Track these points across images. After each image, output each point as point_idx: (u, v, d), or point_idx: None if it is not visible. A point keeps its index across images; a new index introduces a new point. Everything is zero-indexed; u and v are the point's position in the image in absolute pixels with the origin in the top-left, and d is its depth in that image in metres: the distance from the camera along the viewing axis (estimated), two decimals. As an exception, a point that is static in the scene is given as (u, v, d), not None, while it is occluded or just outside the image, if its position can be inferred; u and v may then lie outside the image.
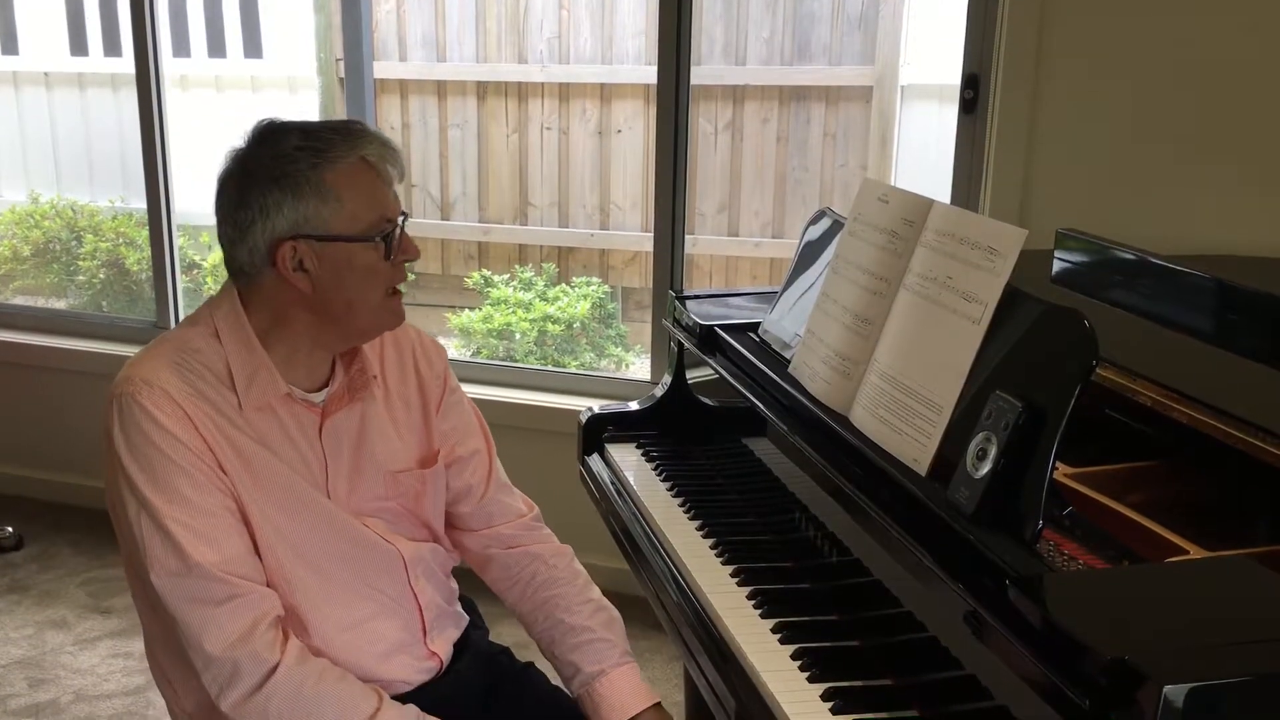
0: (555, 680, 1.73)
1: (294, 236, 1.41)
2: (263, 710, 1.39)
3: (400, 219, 1.47)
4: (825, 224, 1.87)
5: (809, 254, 1.88)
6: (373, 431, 1.57)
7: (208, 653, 1.38)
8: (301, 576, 1.48)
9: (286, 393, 1.49)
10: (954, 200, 2.73)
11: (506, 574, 1.73)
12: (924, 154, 4.45)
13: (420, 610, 1.60)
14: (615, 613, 1.71)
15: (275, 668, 1.39)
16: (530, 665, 1.74)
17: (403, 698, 1.52)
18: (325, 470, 1.52)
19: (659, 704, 1.63)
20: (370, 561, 1.55)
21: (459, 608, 1.72)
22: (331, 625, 1.50)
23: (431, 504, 1.64)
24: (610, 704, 1.61)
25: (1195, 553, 1.28)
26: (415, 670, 1.58)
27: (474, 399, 3.36)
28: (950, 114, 2.74)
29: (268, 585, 1.45)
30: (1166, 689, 0.91)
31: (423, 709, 1.49)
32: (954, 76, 2.71)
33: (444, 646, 1.63)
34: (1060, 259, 2.01)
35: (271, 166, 1.40)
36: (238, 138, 1.47)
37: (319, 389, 1.54)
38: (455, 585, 1.73)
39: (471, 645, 1.69)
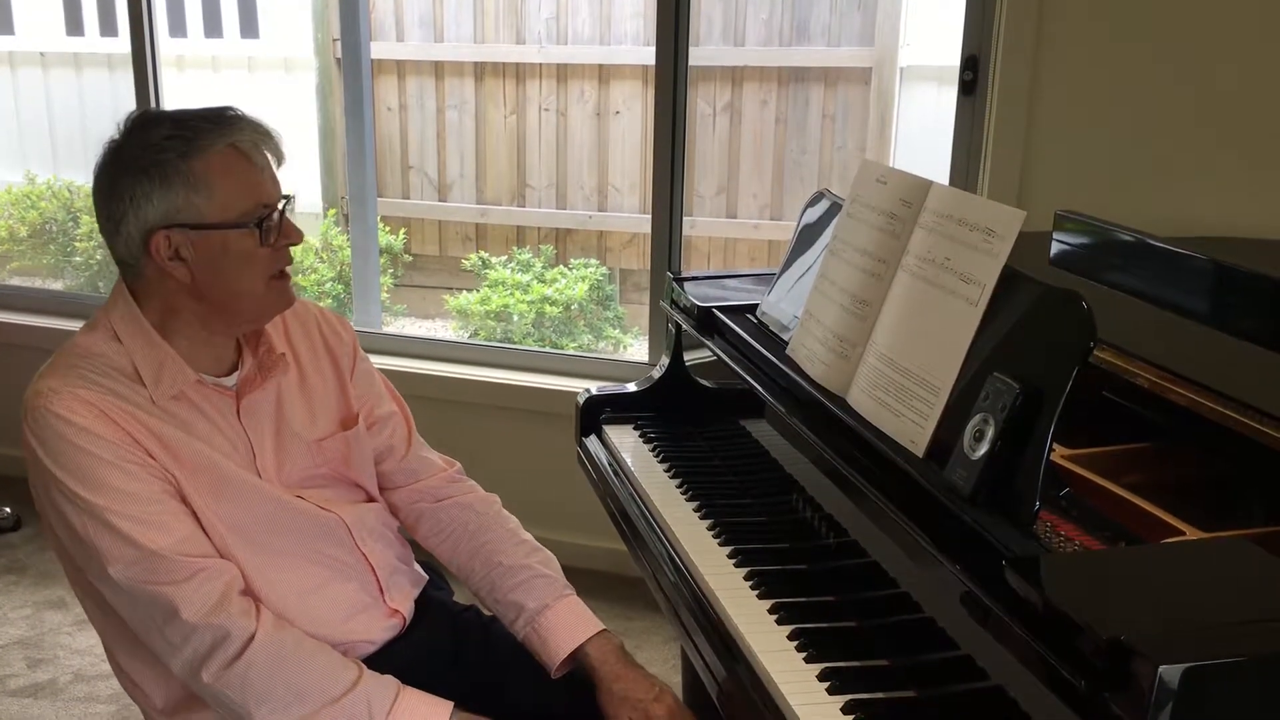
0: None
1: (166, 226, 1.41)
2: (243, 678, 1.40)
3: (281, 203, 1.46)
4: (823, 206, 1.87)
5: (807, 236, 1.88)
6: (289, 407, 1.59)
7: (185, 621, 1.38)
8: (246, 556, 1.49)
9: (197, 379, 1.50)
10: (953, 182, 2.73)
11: (438, 527, 1.75)
12: (923, 136, 4.44)
13: (374, 570, 1.62)
14: (550, 554, 1.74)
15: (253, 635, 1.40)
16: (494, 620, 1.75)
17: (371, 658, 1.54)
18: (251, 450, 1.54)
19: (606, 630, 1.64)
20: (313, 532, 1.57)
21: (416, 567, 1.74)
22: (286, 595, 1.51)
23: (359, 464, 1.67)
24: (558, 635, 1.62)
25: (1191, 534, 1.28)
26: (379, 629, 1.60)
27: (471, 380, 3.37)
28: (950, 96, 2.73)
29: None
30: (1162, 669, 0.92)
31: (393, 671, 1.49)
32: (954, 58, 2.70)
33: (404, 603, 1.65)
34: (1059, 240, 2.01)
35: (140, 157, 1.41)
36: (112, 129, 1.48)
37: (228, 373, 1.55)
38: (407, 546, 1.75)
39: (435, 605, 1.71)
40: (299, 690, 1.41)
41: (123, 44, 3.59)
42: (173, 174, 1.40)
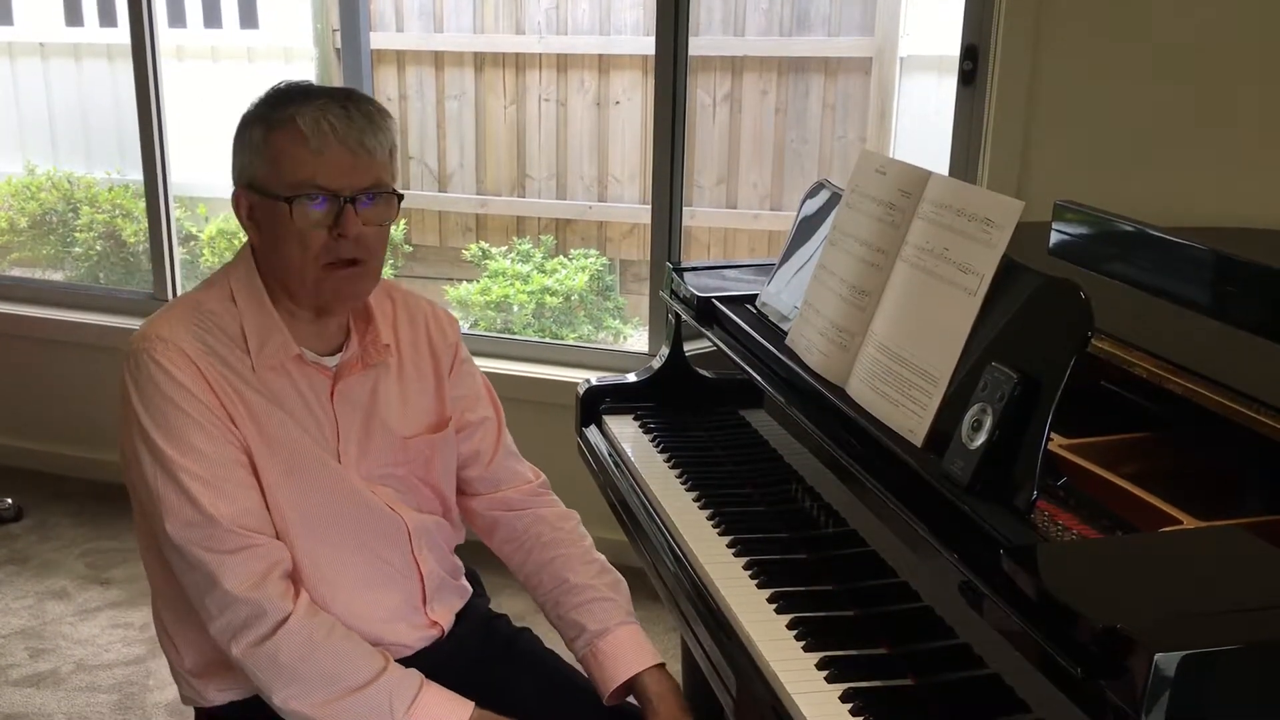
0: (549, 645, 1.75)
1: (243, 185, 1.50)
2: (272, 657, 1.41)
3: (350, 194, 1.44)
4: (823, 196, 1.87)
5: (807, 226, 1.88)
6: (384, 399, 1.60)
7: (227, 590, 1.41)
8: (304, 538, 1.50)
9: (298, 354, 1.52)
10: (953, 172, 2.73)
11: (512, 536, 1.75)
12: (923, 126, 4.43)
13: (422, 580, 1.61)
14: (619, 576, 1.73)
15: (288, 617, 1.42)
16: (526, 629, 1.76)
17: (402, 662, 1.54)
18: (336, 433, 1.55)
19: (663, 665, 1.64)
20: (374, 529, 1.57)
21: (464, 581, 1.74)
22: (332, 587, 1.52)
23: (442, 469, 1.67)
24: (615, 661, 1.61)
25: (1188, 523, 1.29)
26: (416, 637, 1.60)
27: (471, 371, 3.35)
28: (950, 85, 2.73)
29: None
30: (1158, 657, 0.92)
31: (422, 672, 1.50)
32: (954, 48, 2.70)
33: (445, 615, 1.65)
34: (1058, 231, 2.01)
35: (243, 119, 1.50)
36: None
37: (332, 353, 1.57)
38: (459, 562, 1.74)
39: (470, 612, 1.72)
40: (324, 675, 1.43)
41: (122, 35, 3.58)
42: (248, 136, 1.48)
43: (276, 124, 1.45)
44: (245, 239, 1.56)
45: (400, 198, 1.52)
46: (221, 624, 1.43)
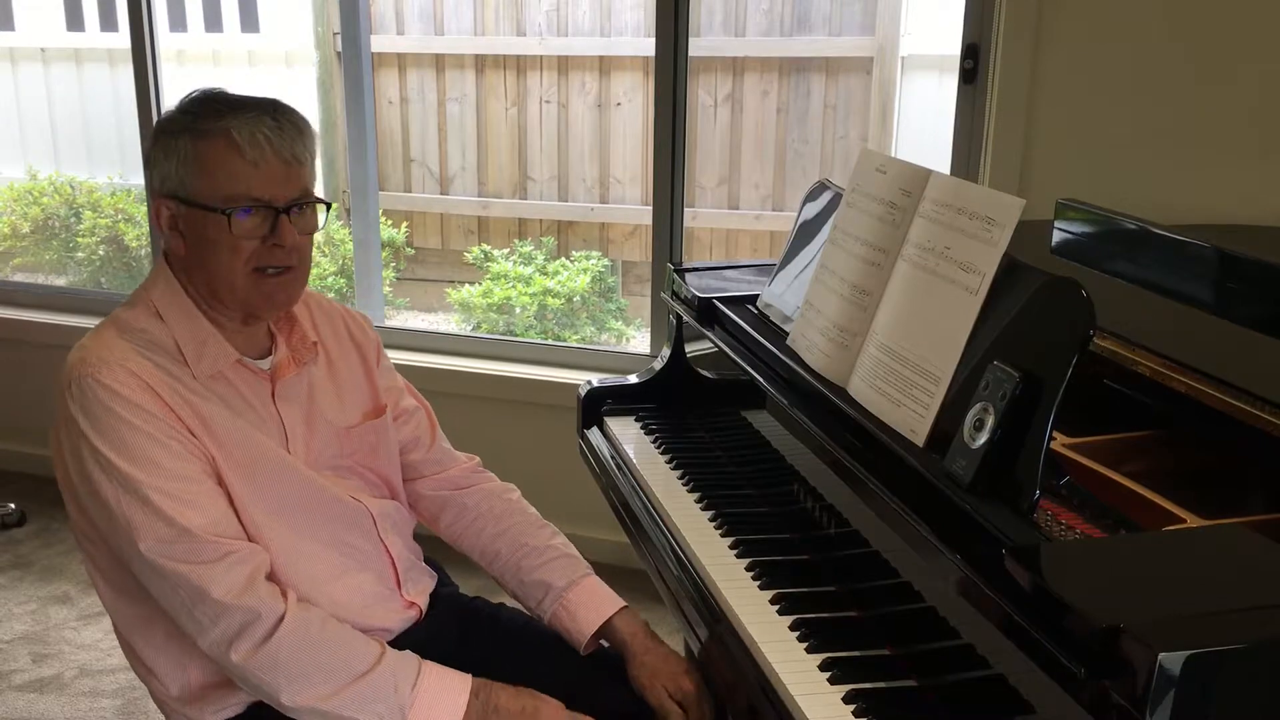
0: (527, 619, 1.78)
1: (166, 195, 1.48)
2: (273, 657, 1.41)
3: (284, 205, 1.47)
4: (824, 195, 1.87)
5: (808, 226, 1.88)
6: (321, 394, 1.63)
7: (217, 600, 1.40)
8: (276, 535, 1.50)
9: (237, 359, 1.53)
10: (954, 171, 2.72)
11: (463, 514, 1.79)
12: (925, 125, 4.43)
13: (393, 562, 1.64)
14: (565, 538, 1.78)
15: (283, 616, 1.42)
16: (502, 605, 1.79)
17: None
18: (284, 434, 1.57)
19: (629, 607, 1.69)
20: (341, 518, 1.59)
21: (425, 564, 1.77)
22: (310, 580, 1.53)
23: (386, 456, 1.71)
24: (587, 609, 1.66)
25: (1192, 521, 1.28)
26: (397, 620, 1.62)
27: (473, 373, 3.37)
28: (951, 85, 2.73)
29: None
30: (1161, 656, 0.92)
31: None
32: (955, 47, 2.69)
33: (420, 596, 1.68)
34: (1060, 229, 2.01)
35: (165, 123, 1.48)
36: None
37: (260, 358, 1.59)
38: (419, 546, 1.77)
39: (444, 598, 1.74)
40: (326, 668, 1.42)
41: (123, 39, 3.59)
42: (174, 145, 1.46)
43: (207, 134, 1.44)
44: (151, 255, 1.57)
45: (329, 206, 1.56)
46: (216, 635, 1.41)
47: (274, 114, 1.47)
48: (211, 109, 1.46)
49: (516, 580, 1.73)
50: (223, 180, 1.45)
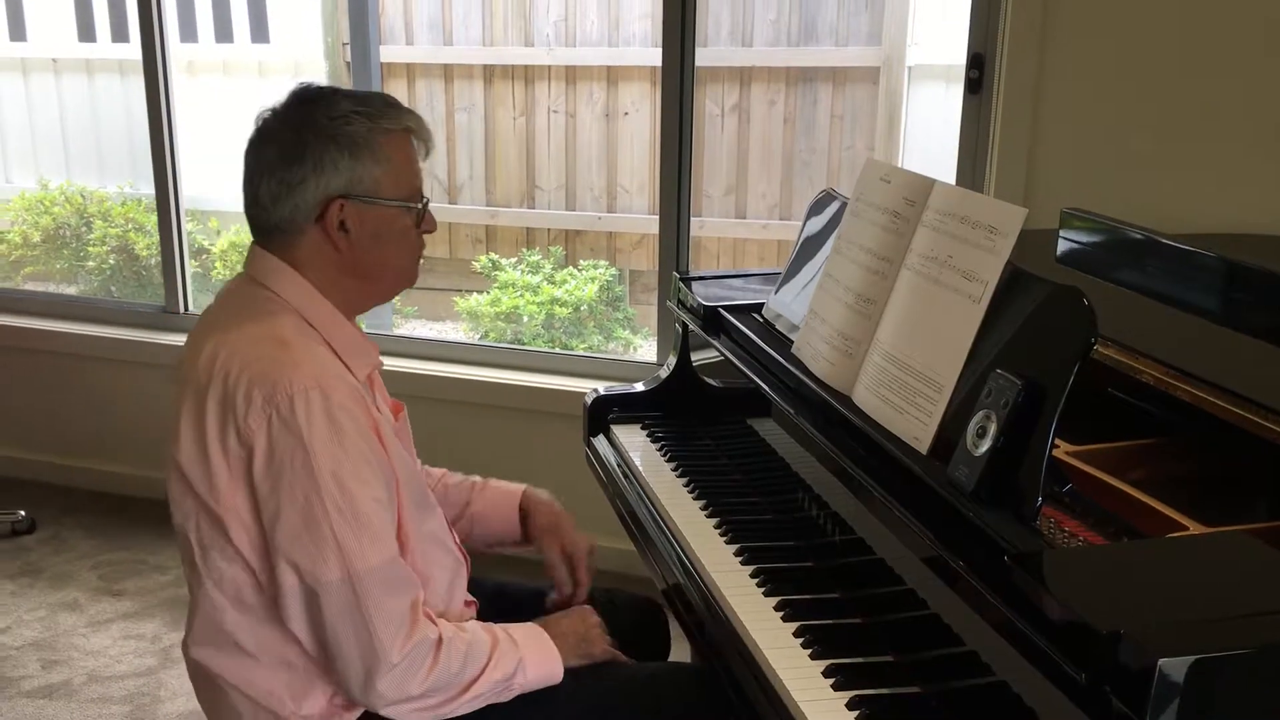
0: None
1: (345, 195, 1.45)
2: (446, 670, 1.43)
3: (428, 196, 1.55)
4: (829, 205, 1.88)
5: (813, 235, 1.89)
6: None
7: (392, 660, 1.39)
8: (422, 551, 1.55)
9: (378, 361, 1.57)
10: (960, 180, 2.73)
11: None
12: (932, 134, 4.44)
13: (466, 563, 1.69)
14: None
15: (440, 637, 1.44)
16: (505, 583, 1.85)
17: None
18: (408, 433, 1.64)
19: (529, 488, 1.88)
20: (441, 522, 1.64)
21: None
22: (433, 594, 1.56)
23: None
24: (501, 506, 1.83)
25: (1195, 529, 1.29)
26: (468, 617, 1.65)
27: (480, 382, 3.38)
28: (958, 94, 2.74)
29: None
30: (1162, 662, 0.92)
31: None
32: (962, 57, 2.70)
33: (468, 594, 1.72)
34: (1065, 238, 2.01)
35: (329, 126, 1.45)
36: (272, 102, 1.52)
37: None
38: None
39: (475, 589, 1.77)
40: (469, 659, 1.46)
41: (134, 50, 3.61)
42: (361, 145, 1.45)
43: (393, 134, 1.48)
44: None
45: None
46: (392, 678, 1.39)
47: (408, 107, 1.54)
48: (387, 109, 1.49)
49: (480, 512, 1.83)
50: (410, 175, 1.50)
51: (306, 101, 1.48)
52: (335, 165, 1.44)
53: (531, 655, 1.53)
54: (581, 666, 1.58)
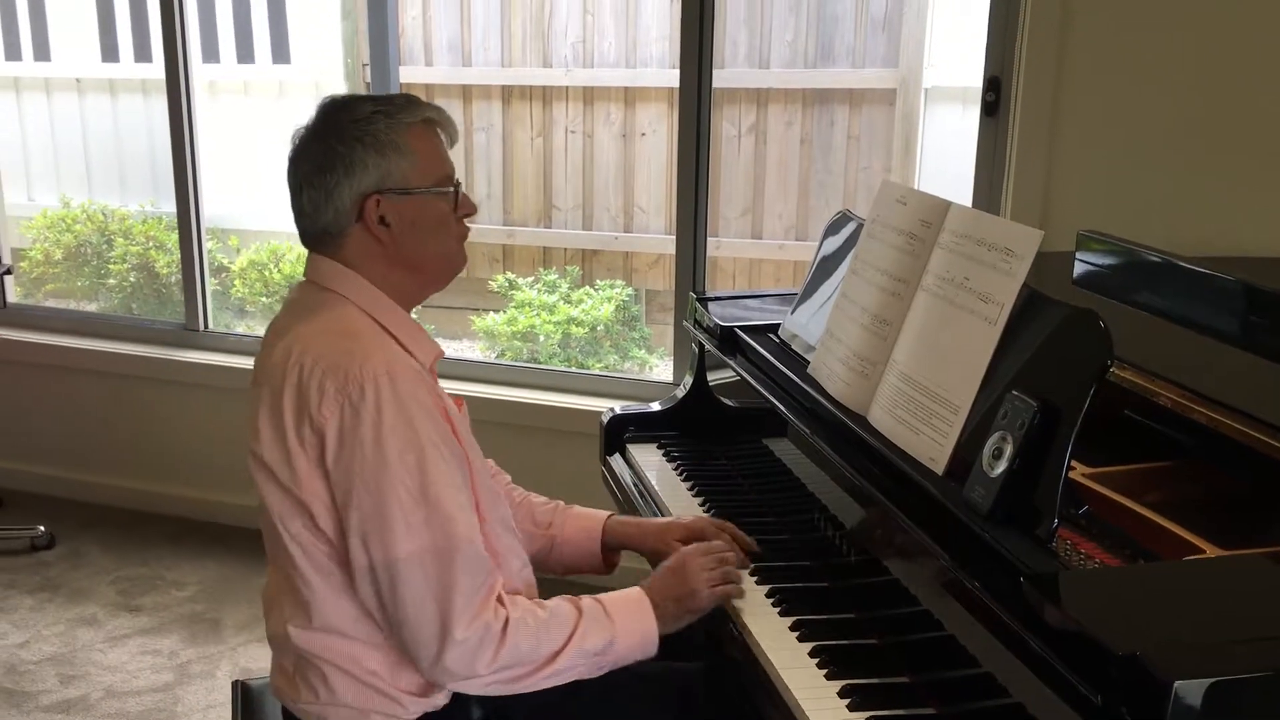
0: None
1: (379, 191, 1.51)
2: (515, 649, 1.45)
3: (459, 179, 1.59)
4: (846, 226, 1.88)
5: (829, 256, 1.90)
6: None
7: (456, 638, 1.42)
8: (500, 542, 1.57)
9: (440, 351, 1.61)
10: (976, 202, 2.73)
11: None
12: (948, 156, 4.44)
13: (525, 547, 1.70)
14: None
15: (507, 619, 1.45)
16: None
17: None
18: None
19: (611, 514, 1.85)
20: (505, 506, 1.66)
21: None
22: (507, 575, 1.58)
23: None
24: (582, 538, 1.80)
25: (1211, 552, 1.29)
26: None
27: (497, 400, 3.39)
28: (974, 116, 2.74)
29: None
30: (1177, 685, 0.92)
31: None
32: (978, 79, 2.71)
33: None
34: (1082, 260, 2.02)
35: (352, 129, 1.51)
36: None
37: None
38: None
39: None
40: (543, 636, 1.48)
41: (157, 70, 3.64)
42: (385, 142, 1.51)
43: (413, 126, 1.52)
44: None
45: None
46: (457, 653, 1.43)
47: (425, 100, 1.58)
48: (406, 104, 1.53)
49: (563, 536, 1.81)
50: (438, 163, 1.55)
51: (331, 111, 1.55)
52: (365, 164, 1.50)
53: (625, 624, 1.52)
54: None
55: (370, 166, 1.50)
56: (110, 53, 5.51)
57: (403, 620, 1.44)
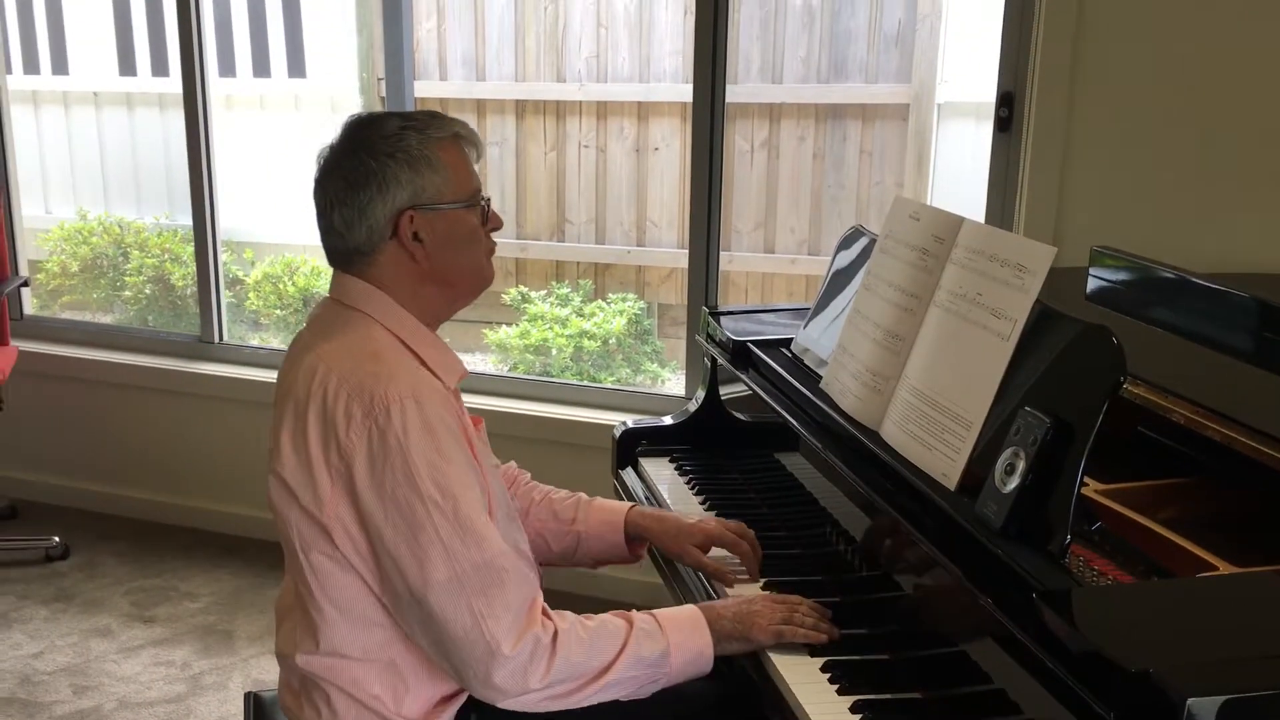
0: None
1: (413, 206, 1.51)
2: (567, 661, 1.45)
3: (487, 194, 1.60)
4: (858, 241, 1.89)
5: (842, 271, 1.90)
6: None
7: (505, 654, 1.41)
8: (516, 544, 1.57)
9: (464, 371, 1.61)
10: (989, 218, 2.73)
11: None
12: (961, 172, 4.45)
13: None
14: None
15: (556, 631, 1.45)
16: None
17: None
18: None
19: (634, 505, 1.86)
20: (523, 532, 1.66)
21: None
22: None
23: None
24: (606, 530, 1.80)
25: (1225, 569, 1.28)
26: None
27: (509, 414, 3.40)
28: (988, 132, 2.75)
29: None
30: (1190, 701, 0.92)
31: None
32: (991, 94, 2.71)
33: None
34: (1095, 276, 2.02)
35: (384, 145, 1.51)
36: (329, 139, 1.57)
37: None
38: None
39: None
40: (594, 649, 1.47)
41: (174, 84, 3.67)
42: (417, 157, 1.51)
43: (443, 142, 1.53)
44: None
45: None
46: (507, 672, 1.42)
47: (452, 117, 1.59)
48: (433, 120, 1.54)
49: (588, 530, 1.81)
50: (467, 178, 1.56)
51: (359, 128, 1.55)
52: (398, 180, 1.50)
53: (678, 638, 1.50)
54: None
55: (404, 182, 1.50)
56: (128, 66, 5.55)
57: (449, 644, 1.43)
